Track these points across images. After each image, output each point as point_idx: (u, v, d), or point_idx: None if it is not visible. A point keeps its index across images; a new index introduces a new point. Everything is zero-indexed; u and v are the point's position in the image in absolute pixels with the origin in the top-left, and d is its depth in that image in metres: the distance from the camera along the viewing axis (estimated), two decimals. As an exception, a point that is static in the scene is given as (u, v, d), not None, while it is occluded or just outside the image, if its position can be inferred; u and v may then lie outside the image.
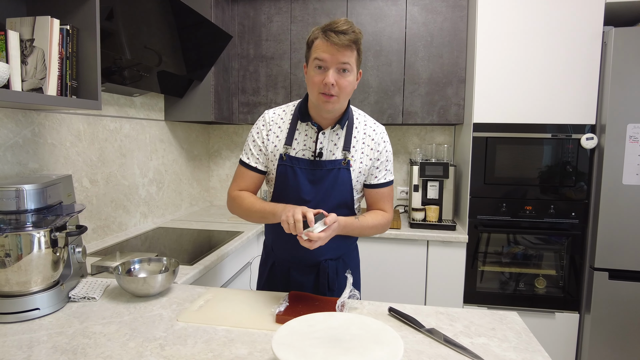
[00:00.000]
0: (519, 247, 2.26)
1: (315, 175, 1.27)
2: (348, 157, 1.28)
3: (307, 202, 1.27)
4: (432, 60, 2.41)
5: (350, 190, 1.30)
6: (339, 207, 1.29)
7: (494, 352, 0.95)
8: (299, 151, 1.29)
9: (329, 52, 1.16)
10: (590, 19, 2.06)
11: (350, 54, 1.17)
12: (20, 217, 1.09)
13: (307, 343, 0.84)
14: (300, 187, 1.27)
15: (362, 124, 1.33)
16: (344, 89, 1.19)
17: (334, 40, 1.14)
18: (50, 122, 1.60)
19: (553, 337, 2.22)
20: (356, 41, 1.17)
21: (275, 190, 1.32)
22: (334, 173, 1.27)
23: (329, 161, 1.27)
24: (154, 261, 1.36)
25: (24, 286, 1.09)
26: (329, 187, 1.27)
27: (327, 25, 1.17)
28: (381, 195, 1.35)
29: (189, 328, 1.05)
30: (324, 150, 1.28)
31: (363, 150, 1.30)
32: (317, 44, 1.19)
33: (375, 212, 1.34)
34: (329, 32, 1.15)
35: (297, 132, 1.30)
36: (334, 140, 1.29)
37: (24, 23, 1.24)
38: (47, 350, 0.93)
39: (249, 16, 2.59)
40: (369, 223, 1.29)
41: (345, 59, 1.17)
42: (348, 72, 1.19)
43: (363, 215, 1.31)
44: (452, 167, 2.38)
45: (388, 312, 1.15)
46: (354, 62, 1.19)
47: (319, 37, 1.18)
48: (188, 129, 2.72)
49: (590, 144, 2.10)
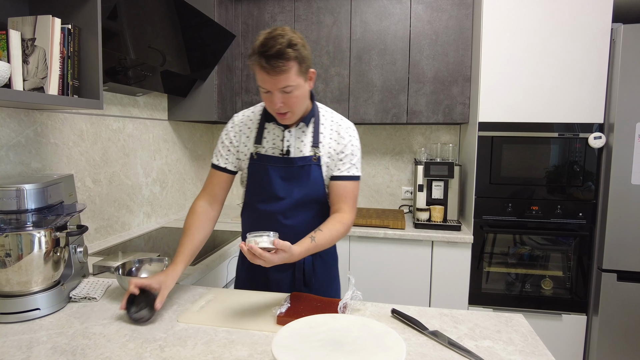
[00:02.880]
0: (525, 248, 2.23)
1: (287, 172, 1.29)
2: (318, 153, 1.29)
3: (280, 198, 1.29)
4: (437, 59, 2.38)
5: (322, 185, 1.31)
6: (312, 202, 1.31)
7: (499, 356, 0.93)
8: (268, 149, 1.31)
9: (268, 81, 1.15)
10: (598, 15, 2.02)
11: (288, 76, 1.14)
12: (21, 217, 1.08)
13: (308, 346, 0.83)
14: (272, 184, 1.29)
15: (329, 120, 1.34)
16: (293, 105, 1.20)
17: (268, 70, 1.12)
18: (52, 122, 1.60)
19: (560, 340, 2.18)
20: (293, 59, 1.12)
21: (249, 189, 1.35)
22: (305, 169, 1.29)
23: (299, 158, 1.29)
24: (156, 261, 1.36)
25: (24, 286, 1.08)
26: (301, 183, 1.29)
27: (260, 47, 1.11)
28: (343, 190, 1.30)
29: (189, 329, 1.04)
30: (292, 147, 1.30)
31: (330, 144, 1.31)
32: (255, 69, 1.16)
33: (333, 222, 1.25)
34: (262, 60, 1.11)
35: (266, 130, 1.32)
36: (300, 137, 1.30)
37: (25, 22, 1.24)
38: (46, 351, 0.92)
39: (253, 15, 2.58)
40: (326, 239, 1.21)
41: (284, 84, 1.14)
42: (293, 89, 1.17)
43: (320, 230, 1.21)
44: (458, 167, 2.35)
45: (391, 314, 1.13)
46: (295, 79, 1.16)
47: (256, 60, 1.14)
48: (192, 128, 2.71)
49: (598, 143, 2.06)
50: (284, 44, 1.10)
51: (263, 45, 1.11)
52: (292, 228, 1.29)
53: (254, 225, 1.34)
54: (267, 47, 1.10)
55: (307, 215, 1.32)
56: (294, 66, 1.14)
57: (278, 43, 1.10)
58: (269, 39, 1.11)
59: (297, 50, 1.13)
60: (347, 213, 1.29)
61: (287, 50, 1.11)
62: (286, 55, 1.11)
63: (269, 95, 1.18)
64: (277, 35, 1.11)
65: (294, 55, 1.12)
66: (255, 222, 1.35)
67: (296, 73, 1.15)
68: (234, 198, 3.07)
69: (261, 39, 1.13)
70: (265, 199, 1.31)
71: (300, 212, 1.31)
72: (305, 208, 1.32)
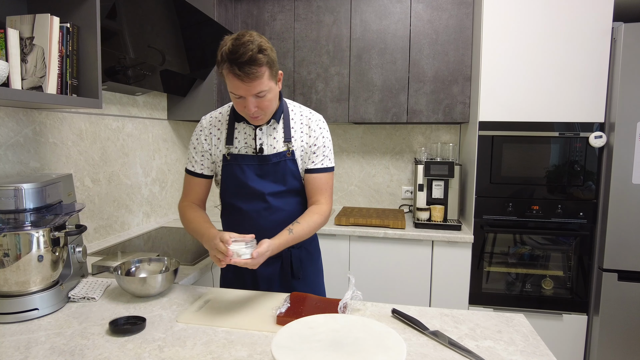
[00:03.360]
0: (526, 248, 2.22)
1: (262, 170, 1.31)
2: (291, 148, 1.31)
3: (259, 195, 1.31)
4: (438, 58, 2.37)
5: (298, 178, 1.34)
6: (290, 195, 1.34)
7: (500, 356, 0.93)
8: (240, 149, 1.32)
9: (240, 87, 1.14)
10: (599, 14, 2.02)
11: (261, 81, 1.14)
12: (19, 217, 1.08)
13: (308, 346, 0.82)
14: (249, 182, 1.31)
15: (299, 115, 1.36)
16: (266, 108, 1.21)
17: (241, 78, 1.11)
18: (51, 121, 1.60)
19: (560, 340, 2.18)
20: (265, 64, 1.13)
21: (225, 189, 1.35)
22: (281, 165, 1.31)
23: (273, 154, 1.30)
24: (155, 261, 1.35)
25: (22, 286, 1.08)
26: (278, 179, 1.32)
27: (230, 54, 1.10)
28: (319, 182, 1.34)
29: (188, 329, 1.03)
30: (264, 145, 1.31)
31: (302, 138, 1.33)
32: (227, 75, 1.15)
33: (310, 213, 1.30)
34: (235, 67, 1.10)
35: (237, 130, 1.33)
36: (272, 134, 1.31)
37: (23, 21, 1.23)
38: (44, 352, 0.92)
39: (252, 14, 2.57)
40: (304, 230, 1.26)
41: (258, 90, 1.15)
42: (266, 93, 1.18)
43: (298, 222, 1.26)
44: (458, 166, 2.35)
45: (391, 314, 1.12)
46: (268, 83, 1.16)
47: (226, 67, 1.12)
48: (191, 128, 2.71)
49: (599, 143, 2.06)
50: (254, 50, 1.10)
51: (233, 52, 1.10)
52: (274, 222, 1.32)
53: (236, 225, 1.35)
54: (238, 54, 1.09)
55: (287, 208, 1.35)
56: (266, 71, 1.14)
57: (249, 49, 1.09)
58: (238, 45, 1.10)
59: (267, 54, 1.13)
60: (324, 204, 1.34)
61: (258, 56, 1.10)
62: (258, 61, 1.11)
63: (242, 101, 1.18)
64: (247, 42, 1.10)
65: (265, 60, 1.13)
66: (236, 222, 1.36)
67: (268, 77, 1.16)
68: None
69: (229, 45, 1.11)
70: (243, 198, 1.33)
71: (280, 207, 1.33)
72: (284, 202, 1.34)
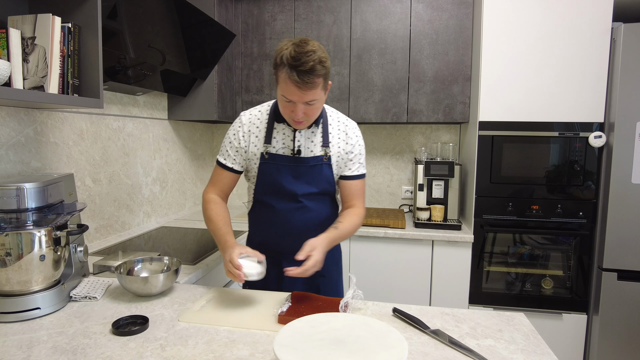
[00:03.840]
0: (526, 247, 2.23)
1: (298, 171, 1.34)
2: (328, 153, 1.35)
3: (292, 196, 1.34)
4: (438, 58, 2.38)
5: (332, 183, 1.39)
6: (321, 196, 1.38)
7: (501, 355, 0.93)
8: (279, 149, 1.35)
9: (295, 93, 1.17)
10: (598, 14, 2.02)
11: (315, 91, 1.19)
12: (21, 216, 1.08)
13: (310, 345, 0.82)
14: (284, 182, 1.34)
15: (336, 121, 1.40)
16: (312, 115, 1.26)
17: (299, 85, 1.15)
18: (52, 121, 1.60)
19: (560, 339, 2.18)
20: (322, 75, 1.17)
21: (258, 186, 1.38)
22: (317, 169, 1.35)
23: (311, 158, 1.34)
24: (156, 261, 1.35)
25: (24, 285, 1.08)
26: (313, 181, 1.35)
27: (293, 59, 1.13)
28: (355, 188, 1.41)
29: (190, 328, 1.04)
30: (302, 147, 1.34)
31: (339, 144, 1.38)
32: (284, 79, 1.17)
33: (350, 214, 1.38)
34: (294, 74, 1.14)
35: (275, 130, 1.35)
36: (310, 138, 1.35)
37: (25, 21, 1.23)
38: (47, 351, 0.92)
39: (253, 14, 2.57)
40: (347, 228, 1.33)
41: (310, 98, 1.19)
42: (316, 102, 1.22)
43: (340, 221, 1.34)
44: (458, 166, 2.35)
45: (392, 313, 1.13)
46: (320, 93, 1.21)
47: (285, 72, 1.16)
48: (192, 128, 2.71)
49: (599, 143, 2.06)
50: (316, 60, 1.14)
51: (295, 59, 1.13)
52: (304, 221, 1.37)
53: (266, 222, 1.39)
54: (300, 62, 1.13)
55: (318, 209, 1.38)
56: (321, 82, 1.19)
57: (311, 59, 1.13)
58: (301, 53, 1.13)
59: (326, 67, 1.18)
60: (360, 208, 1.42)
61: (318, 67, 1.15)
62: (318, 72, 1.15)
63: (291, 105, 1.22)
64: (310, 51, 1.14)
65: (323, 72, 1.18)
66: (267, 219, 1.40)
67: (321, 88, 1.21)
68: (233, 198, 3.06)
69: (291, 50, 1.14)
70: (276, 197, 1.36)
71: (311, 207, 1.37)
72: (316, 203, 1.38)
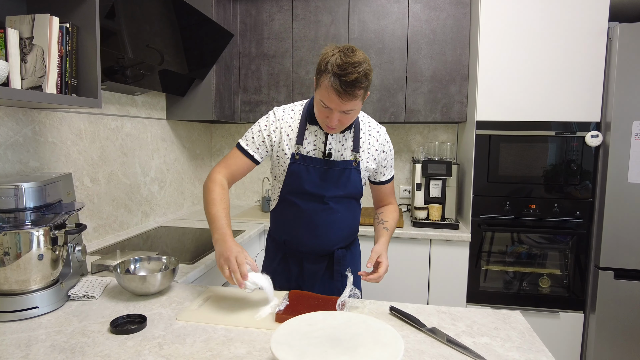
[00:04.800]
0: (523, 246, 2.24)
1: (327, 174, 1.36)
2: (358, 158, 1.37)
3: (319, 197, 1.36)
4: (435, 58, 2.39)
5: (359, 186, 1.41)
6: (347, 198, 1.41)
7: (496, 352, 0.94)
8: (310, 151, 1.36)
9: (335, 102, 1.17)
10: (595, 14, 2.03)
11: (355, 102, 1.19)
12: (19, 215, 1.08)
13: (306, 342, 0.83)
14: (312, 183, 1.36)
15: (367, 126, 1.42)
16: (347, 123, 1.27)
17: (340, 95, 1.14)
18: (50, 121, 1.60)
19: (557, 337, 2.19)
20: (364, 88, 1.17)
21: (286, 186, 1.39)
22: (346, 173, 1.37)
23: (341, 161, 1.36)
24: (154, 260, 1.36)
25: (23, 285, 1.08)
26: (340, 184, 1.37)
27: (339, 69, 1.12)
28: (389, 190, 1.52)
29: (188, 327, 1.04)
30: (333, 151, 1.36)
31: (369, 150, 1.40)
32: (325, 86, 1.16)
33: (390, 211, 1.50)
34: (338, 83, 1.13)
35: (307, 132, 1.36)
36: (341, 142, 1.37)
37: (23, 21, 1.23)
38: (45, 349, 0.92)
39: (251, 14, 2.58)
40: (393, 226, 1.46)
41: (349, 108, 1.19)
42: (353, 112, 1.22)
43: (385, 220, 1.46)
44: (455, 166, 2.36)
45: (389, 312, 1.13)
46: (358, 103, 1.21)
47: (328, 79, 1.15)
48: (190, 127, 2.71)
49: (595, 142, 2.07)
50: (361, 72, 1.13)
51: (342, 68, 1.12)
52: (329, 221, 1.40)
53: (290, 221, 1.41)
54: (346, 72, 1.12)
55: (343, 210, 1.41)
56: (362, 93, 1.19)
57: (357, 71, 1.13)
58: (348, 64, 1.12)
59: (369, 79, 1.18)
60: (395, 204, 1.56)
61: (362, 79, 1.14)
62: (361, 84, 1.15)
63: (328, 111, 1.21)
64: (357, 63, 1.13)
65: (366, 85, 1.18)
66: (292, 217, 1.41)
67: (361, 99, 1.21)
68: (232, 198, 3.07)
69: (338, 58, 1.13)
70: (303, 197, 1.38)
71: (336, 209, 1.39)
72: (341, 205, 1.40)
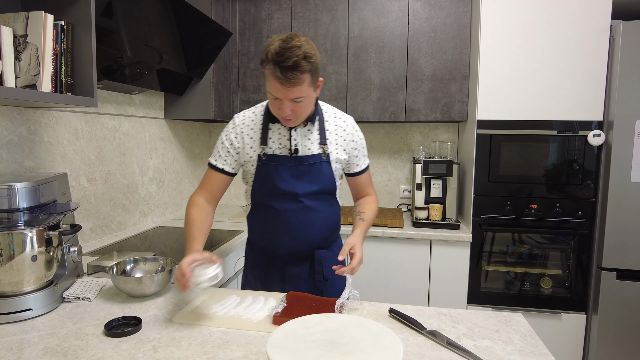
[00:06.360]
0: (524, 247, 2.22)
1: (297, 170, 1.32)
2: (327, 151, 1.33)
3: (293, 195, 1.32)
4: (435, 57, 2.37)
5: (332, 180, 1.37)
6: (322, 194, 1.36)
7: (498, 356, 0.92)
8: (275, 149, 1.32)
9: (280, 90, 1.15)
10: (597, 12, 2.01)
11: (301, 88, 1.15)
12: (12, 216, 1.07)
13: (303, 346, 0.81)
14: (283, 182, 1.32)
15: (332, 117, 1.38)
16: (301, 113, 1.22)
17: (282, 82, 1.12)
18: (46, 120, 1.58)
19: (559, 339, 2.17)
20: (307, 71, 1.13)
21: (257, 189, 1.35)
22: (316, 167, 1.32)
23: (309, 156, 1.32)
24: (151, 261, 1.34)
25: (16, 286, 1.07)
26: (313, 180, 1.33)
27: (276, 56, 1.10)
28: (365, 181, 1.47)
29: (184, 329, 1.02)
30: (299, 146, 1.32)
31: (337, 141, 1.36)
32: (268, 76, 1.15)
33: (367, 202, 1.45)
34: (277, 70, 1.10)
35: (270, 131, 1.33)
36: (307, 136, 1.33)
37: (17, 18, 1.22)
38: (37, 352, 0.91)
39: (250, 13, 2.56)
40: (371, 217, 1.40)
41: (296, 95, 1.16)
42: (303, 99, 1.18)
43: (362, 211, 1.40)
44: (456, 165, 2.34)
45: (389, 314, 1.12)
46: (307, 90, 1.17)
47: (269, 68, 1.13)
48: (188, 127, 2.69)
49: (598, 141, 2.05)
50: (300, 56, 1.10)
51: (279, 54, 1.10)
52: (307, 221, 1.35)
53: (267, 224, 1.36)
54: (284, 57, 1.09)
55: (319, 208, 1.37)
56: (308, 78, 1.15)
57: (295, 55, 1.09)
58: (285, 49, 1.10)
59: (312, 62, 1.14)
60: (374, 194, 1.50)
61: (302, 63, 1.11)
62: (302, 67, 1.11)
63: (278, 102, 1.19)
64: (294, 47, 1.10)
65: (309, 68, 1.13)
66: (268, 220, 1.37)
67: (308, 84, 1.16)
68: (231, 197, 3.05)
69: (276, 46, 1.11)
70: (277, 198, 1.33)
71: (313, 206, 1.35)
72: (317, 202, 1.36)
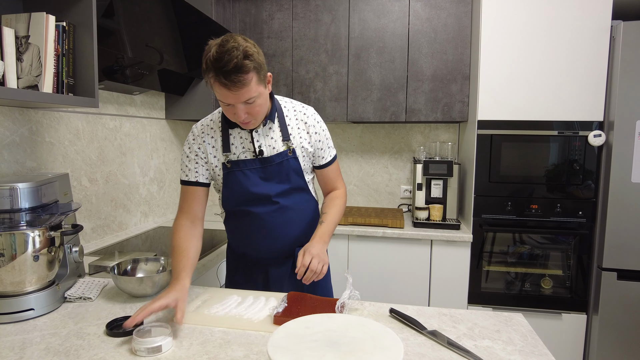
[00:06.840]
0: (525, 247, 2.22)
1: (266, 172, 1.29)
2: (291, 147, 1.30)
3: (264, 198, 1.29)
4: (436, 57, 2.37)
5: (302, 175, 1.34)
6: (295, 191, 1.34)
7: (498, 356, 0.92)
8: (239, 154, 1.28)
9: (229, 96, 1.10)
10: (598, 12, 2.01)
11: (249, 88, 1.10)
12: (14, 216, 1.07)
13: (304, 346, 0.81)
14: (254, 186, 1.29)
15: (292, 111, 1.34)
16: (257, 113, 1.18)
17: (228, 87, 1.07)
18: (48, 121, 1.59)
19: (560, 339, 2.17)
20: (252, 70, 1.08)
21: (228, 197, 1.32)
22: (284, 165, 1.29)
23: (275, 155, 1.28)
24: (152, 261, 1.34)
25: (18, 286, 1.07)
26: (283, 179, 1.30)
27: (215, 62, 1.05)
28: (332, 173, 1.41)
29: (185, 329, 1.03)
30: (263, 146, 1.28)
31: (300, 134, 1.32)
32: (213, 84, 1.10)
33: (331, 199, 1.40)
34: (220, 76, 1.06)
35: (232, 137, 1.29)
36: (269, 135, 1.29)
37: (19, 19, 1.22)
38: (39, 352, 0.91)
39: (250, 13, 2.56)
40: (334, 218, 1.34)
41: (246, 97, 1.11)
42: (255, 99, 1.14)
43: (324, 212, 1.35)
44: (457, 165, 2.34)
45: (389, 314, 1.12)
46: (257, 89, 1.12)
47: (211, 76, 1.08)
48: (189, 127, 2.70)
49: (598, 141, 2.05)
50: (239, 56, 1.05)
51: (217, 60, 1.05)
52: (284, 221, 1.33)
53: (245, 228, 1.34)
54: (223, 62, 1.05)
55: (295, 206, 1.34)
56: (254, 77, 1.10)
57: (234, 57, 1.04)
58: (223, 53, 1.05)
59: (254, 59, 1.09)
60: (341, 188, 1.44)
61: (244, 63, 1.06)
62: (245, 68, 1.06)
63: (231, 108, 1.14)
64: (231, 49, 1.05)
65: (252, 66, 1.08)
66: (245, 225, 1.34)
67: (256, 83, 1.12)
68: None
69: (213, 52, 1.06)
70: (250, 202, 1.30)
71: (288, 205, 1.32)
72: (291, 200, 1.33)
